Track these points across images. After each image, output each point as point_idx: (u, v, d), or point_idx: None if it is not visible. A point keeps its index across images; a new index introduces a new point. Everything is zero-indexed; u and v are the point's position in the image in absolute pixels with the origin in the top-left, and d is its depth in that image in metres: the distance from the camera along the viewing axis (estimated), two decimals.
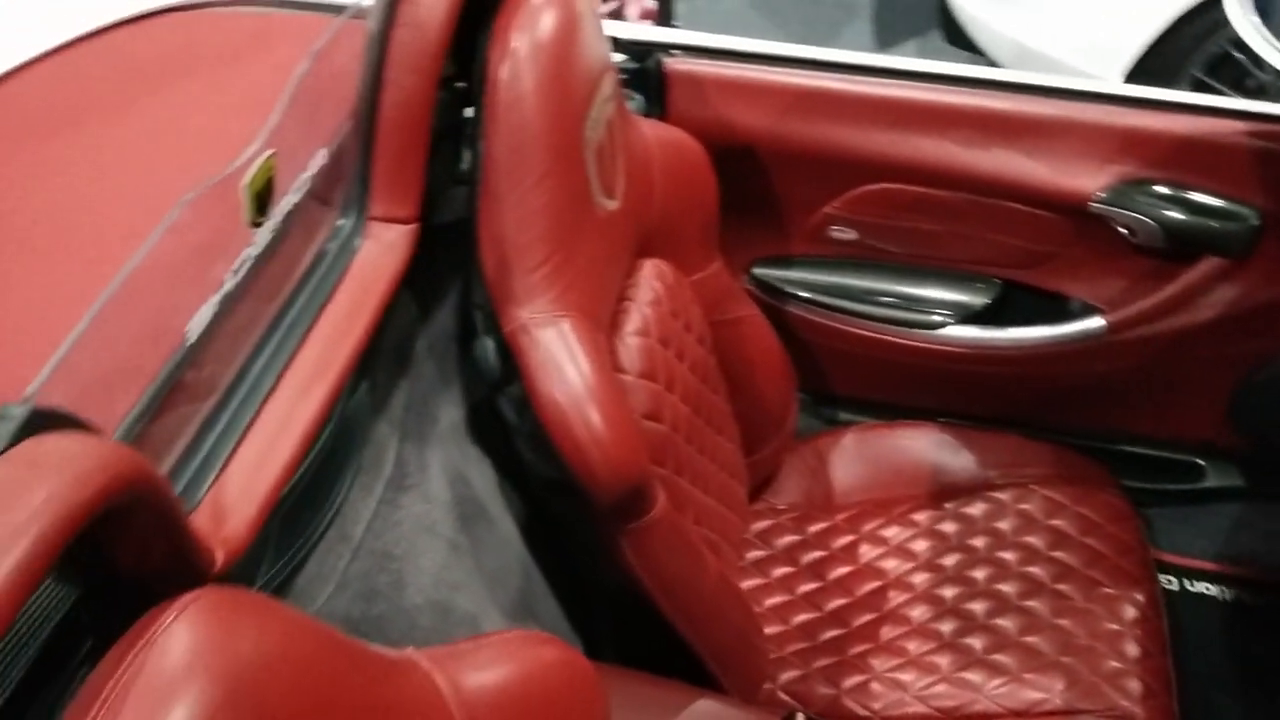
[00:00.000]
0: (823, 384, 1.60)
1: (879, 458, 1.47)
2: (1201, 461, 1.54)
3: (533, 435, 0.98)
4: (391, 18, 0.94)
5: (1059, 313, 1.47)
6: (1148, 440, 1.54)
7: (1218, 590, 1.51)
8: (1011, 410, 1.54)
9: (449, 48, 0.98)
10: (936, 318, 1.50)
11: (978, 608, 1.30)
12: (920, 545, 1.38)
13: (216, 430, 0.80)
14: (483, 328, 1.02)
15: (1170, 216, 1.34)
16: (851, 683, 1.26)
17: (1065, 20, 2.45)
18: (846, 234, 1.48)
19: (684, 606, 1.09)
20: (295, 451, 0.81)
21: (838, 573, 1.37)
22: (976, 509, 1.40)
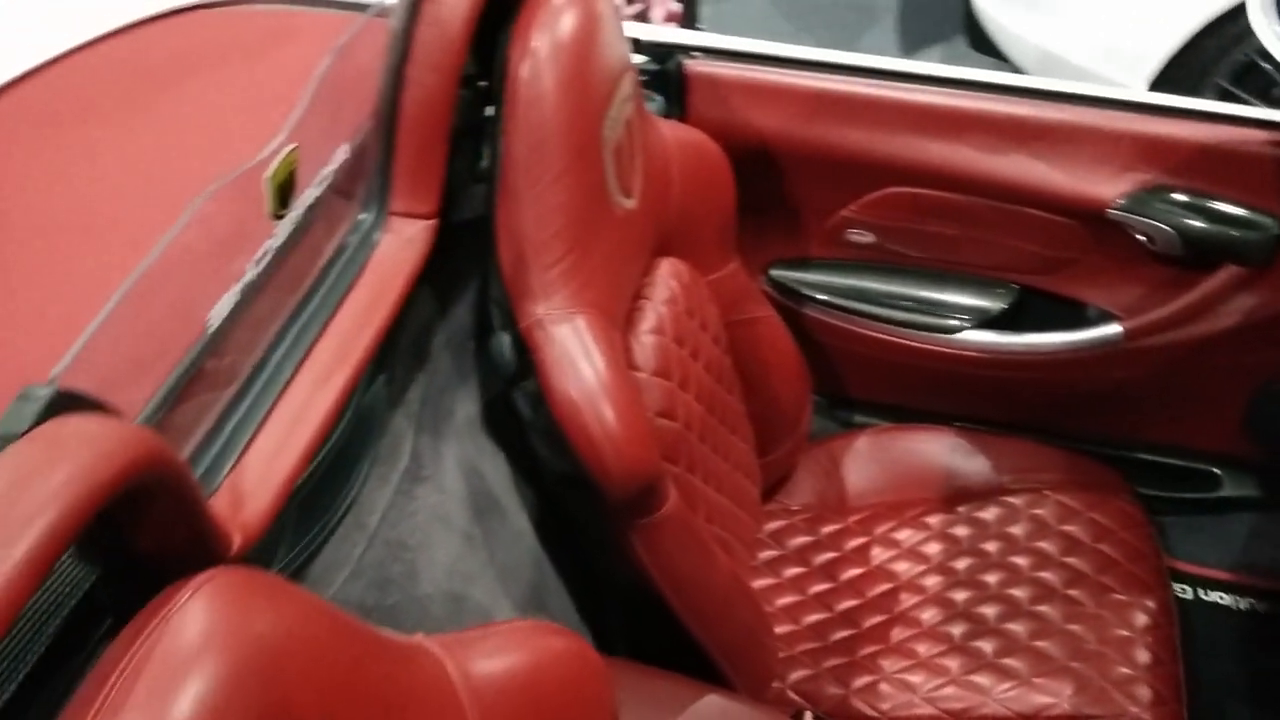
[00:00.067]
0: (838, 386, 1.60)
1: (893, 460, 1.47)
2: (1218, 470, 1.53)
3: (546, 430, 0.99)
4: (414, 16, 0.95)
5: (1076, 319, 1.47)
6: (1164, 448, 1.54)
7: (1232, 600, 1.50)
8: (1027, 416, 1.53)
9: (470, 46, 1.00)
10: (953, 322, 1.50)
11: (988, 611, 1.30)
12: (932, 548, 1.38)
13: (236, 417, 0.81)
14: (499, 323, 1.03)
15: (1189, 224, 1.33)
16: (861, 683, 1.26)
17: (1090, 27, 2.44)
18: (864, 237, 1.48)
19: (694, 603, 1.10)
20: (312, 440, 0.82)
21: (849, 574, 1.38)
22: (989, 513, 1.40)
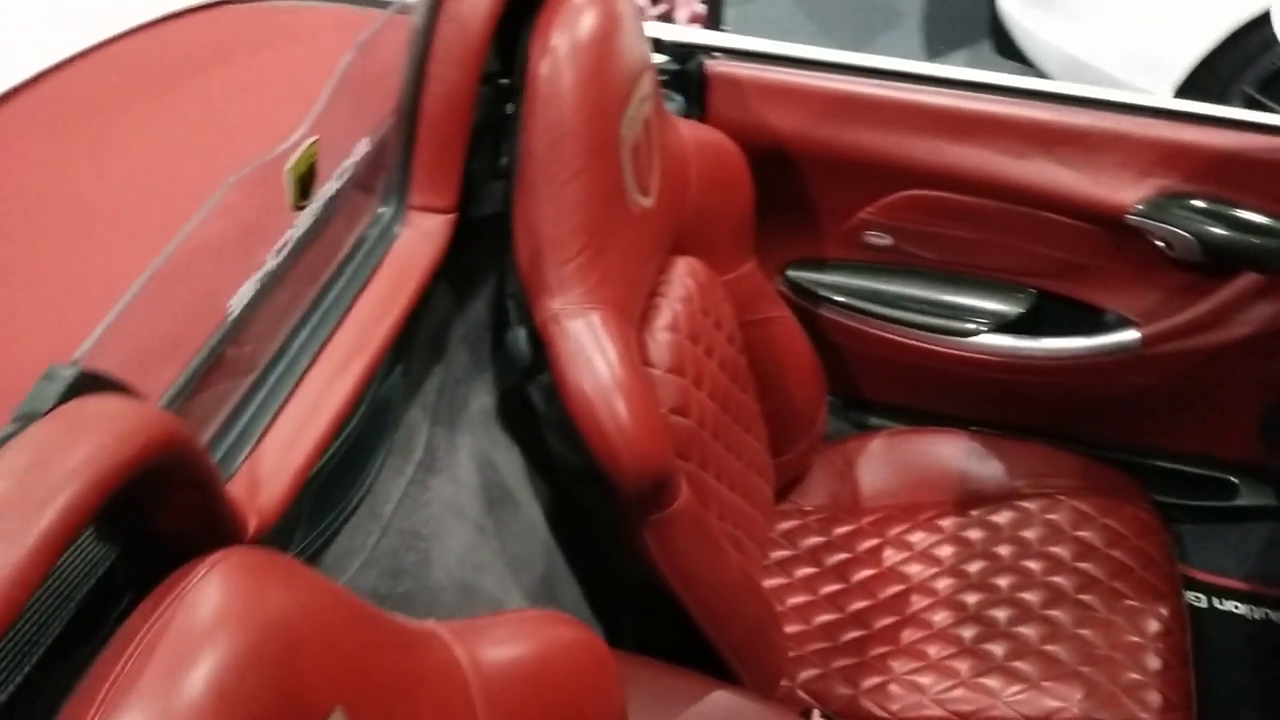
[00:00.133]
0: (853, 388, 1.60)
1: (907, 463, 1.47)
2: (1234, 479, 1.52)
3: (560, 424, 1.00)
4: (436, 12, 0.96)
5: (1093, 324, 1.47)
6: (1180, 455, 1.53)
7: (1246, 609, 1.49)
8: (1042, 420, 1.53)
9: (492, 44, 1.01)
10: (970, 325, 1.50)
11: (1000, 615, 1.30)
12: (945, 551, 1.38)
13: (254, 405, 0.82)
14: (515, 317, 1.04)
15: (1209, 231, 1.33)
16: (870, 684, 1.26)
17: (1117, 33, 2.43)
18: (882, 239, 1.49)
19: (703, 599, 1.11)
20: (329, 428, 0.83)
21: (861, 575, 1.38)
22: (1003, 517, 1.40)
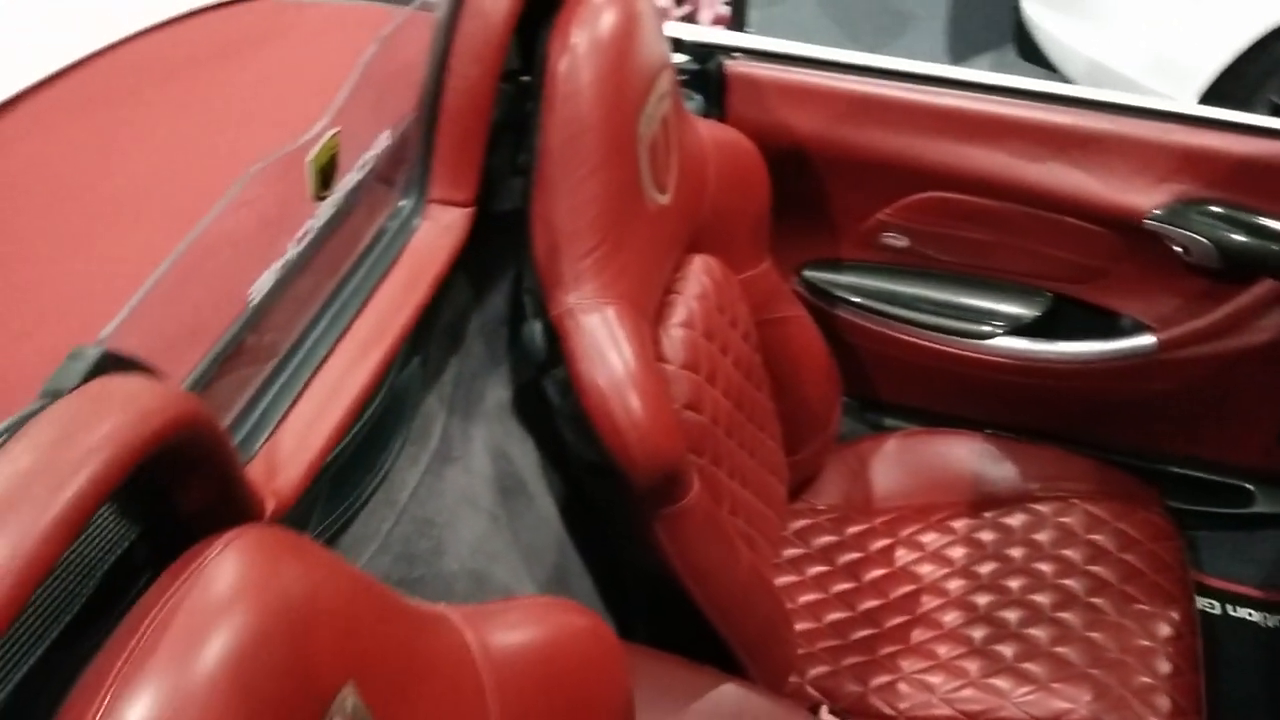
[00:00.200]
0: (869, 389, 1.61)
1: (921, 464, 1.48)
2: (1250, 486, 1.52)
3: (574, 417, 1.02)
4: (458, 8, 0.98)
5: (1109, 329, 1.47)
6: (1195, 462, 1.53)
7: (1260, 616, 1.49)
8: (1057, 424, 1.53)
9: (513, 42, 1.02)
10: (986, 328, 1.50)
11: (1010, 616, 1.30)
12: (957, 552, 1.39)
13: (273, 390, 0.84)
14: (532, 311, 1.06)
15: (1227, 237, 1.33)
16: (879, 682, 1.27)
17: (1141, 39, 2.42)
18: (898, 241, 1.49)
19: (713, 594, 1.12)
20: (346, 415, 0.85)
21: (872, 574, 1.39)
22: (1016, 519, 1.40)
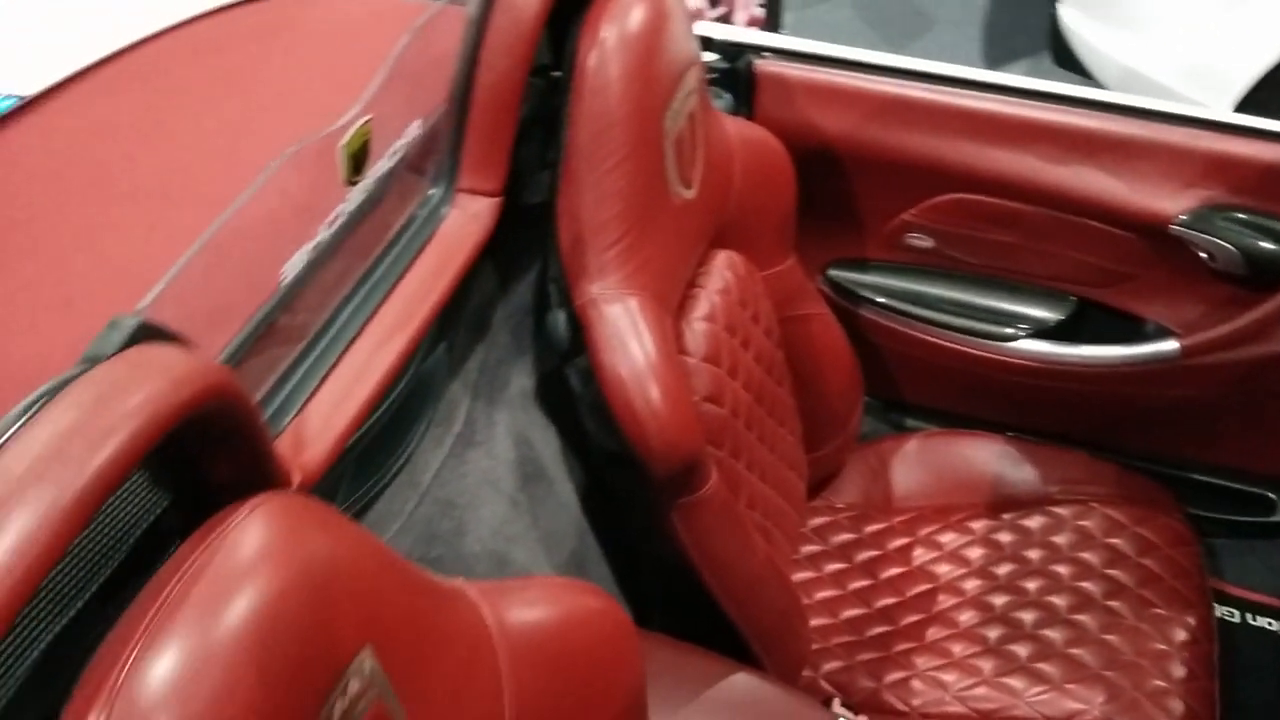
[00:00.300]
0: (891, 389, 1.62)
1: (941, 465, 1.49)
2: (1272, 494, 1.51)
3: (595, 405, 1.04)
4: (491, 3, 1.00)
5: (1133, 334, 1.47)
6: (1217, 469, 1.52)
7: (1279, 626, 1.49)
8: (1079, 428, 1.54)
9: (544, 37, 1.04)
10: (1010, 330, 1.51)
11: (1026, 617, 1.31)
12: (974, 552, 1.39)
13: (302, 369, 0.87)
14: (556, 300, 1.08)
15: (1254, 244, 1.33)
16: (893, 678, 1.28)
17: (1177, 47, 2.41)
18: (923, 241, 1.50)
19: (729, 584, 1.13)
20: (372, 395, 0.87)
21: (889, 573, 1.40)
22: (1034, 522, 1.41)
